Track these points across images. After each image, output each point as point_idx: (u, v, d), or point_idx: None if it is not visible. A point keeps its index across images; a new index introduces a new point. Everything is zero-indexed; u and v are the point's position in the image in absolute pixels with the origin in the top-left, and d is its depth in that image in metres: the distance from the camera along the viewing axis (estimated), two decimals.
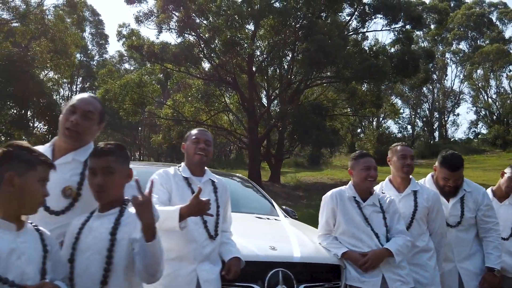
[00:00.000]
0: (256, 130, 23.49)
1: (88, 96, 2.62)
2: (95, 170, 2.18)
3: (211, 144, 3.08)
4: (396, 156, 3.73)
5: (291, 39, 20.71)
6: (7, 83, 17.26)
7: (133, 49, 20.19)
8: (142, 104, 23.41)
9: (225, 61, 21.97)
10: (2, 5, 19.63)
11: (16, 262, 1.84)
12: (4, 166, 1.88)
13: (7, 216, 1.89)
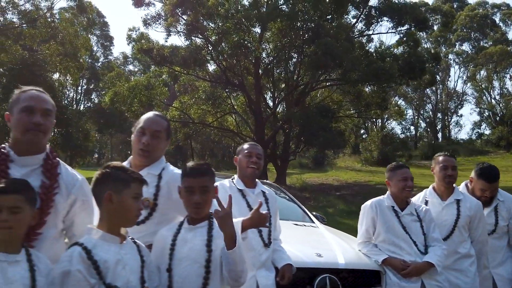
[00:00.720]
0: (262, 132, 23.69)
1: (154, 115, 2.81)
2: (193, 189, 2.39)
3: (262, 158, 3.27)
4: (438, 167, 3.91)
5: (298, 42, 20.88)
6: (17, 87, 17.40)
7: (142, 52, 20.38)
8: (150, 106, 23.58)
9: (233, 64, 22.18)
10: (12, 9, 19.85)
11: (121, 271, 2.06)
12: (103, 185, 2.10)
13: (111, 231, 2.09)
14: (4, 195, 1.99)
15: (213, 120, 25.58)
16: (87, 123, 30.13)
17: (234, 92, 26.99)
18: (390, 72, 19.83)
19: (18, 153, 2.31)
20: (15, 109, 2.36)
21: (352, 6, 23.58)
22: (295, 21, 21.09)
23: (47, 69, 19.02)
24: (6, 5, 19.67)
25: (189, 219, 2.43)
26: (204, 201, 2.38)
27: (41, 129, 2.32)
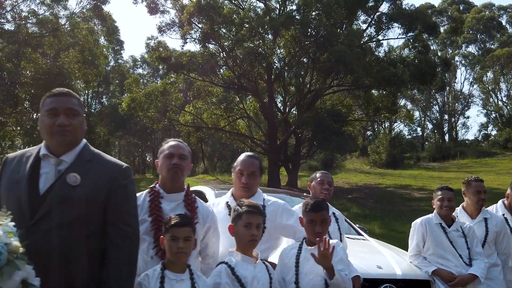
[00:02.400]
0: (275, 136, 24.19)
1: (248, 157, 3.33)
2: (315, 222, 2.96)
3: (332, 184, 3.80)
4: (471, 192, 4.39)
5: (312, 49, 21.36)
6: None
7: (160, 60, 20.92)
8: (165, 111, 24.16)
9: (247, 70, 22.68)
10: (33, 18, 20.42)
11: (257, 285, 2.64)
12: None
13: (244, 253, 2.64)
14: (180, 227, 2.53)
15: (226, 124, 26.08)
16: (100, 126, 30.68)
17: (246, 96, 27.47)
18: (402, 78, 20.30)
19: (166, 191, 2.87)
20: (160, 155, 2.97)
21: (362, 12, 24.04)
22: (308, 28, 21.56)
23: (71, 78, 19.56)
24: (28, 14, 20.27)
25: (307, 242, 2.94)
26: (324, 231, 2.90)
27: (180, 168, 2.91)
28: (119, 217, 2.33)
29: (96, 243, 2.30)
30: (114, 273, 2.25)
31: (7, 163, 2.42)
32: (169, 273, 2.48)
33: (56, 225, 2.17)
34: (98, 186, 2.30)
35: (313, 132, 23.10)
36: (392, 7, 23.59)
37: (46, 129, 2.35)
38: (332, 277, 2.73)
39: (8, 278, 1.82)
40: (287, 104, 27.21)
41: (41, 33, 20.61)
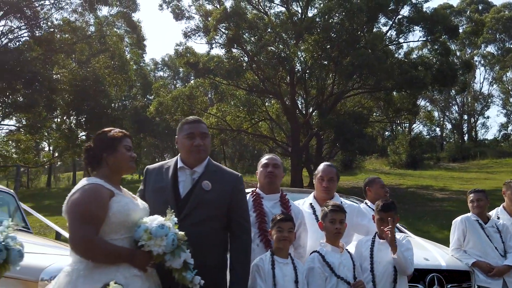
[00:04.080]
0: (297, 138, 24.77)
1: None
2: (384, 220, 3.57)
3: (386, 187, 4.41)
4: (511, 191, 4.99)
5: (334, 53, 21.91)
6: (83, 101, 19.05)
7: (188, 65, 21.68)
8: (191, 114, 24.86)
9: (270, 74, 23.32)
10: (67, 27, 21.33)
11: (343, 270, 3.29)
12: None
13: (332, 244, 3.33)
14: (285, 222, 3.21)
15: (248, 127, 26.73)
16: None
17: (269, 99, 28.08)
18: (424, 81, 20.75)
19: (265, 193, 3.59)
20: (259, 166, 3.69)
21: (383, 15, 24.48)
22: (330, 32, 22.11)
23: (105, 84, 20.45)
24: (62, 23, 21.19)
25: (379, 236, 3.59)
26: (393, 227, 3.56)
27: (274, 178, 3.62)
28: (239, 214, 3.04)
29: (222, 235, 3.01)
30: (237, 258, 2.97)
31: (148, 173, 3.12)
32: (277, 258, 3.16)
33: (195, 221, 2.84)
34: (224, 191, 2.99)
35: (336, 134, 23.60)
36: (412, 10, 23.98)
37: (185, 149, 3.06)
38: (395, 253, 3.39)
39: (178, 258, 2.50)
40: (308, 106, 27.76)
41: (73, 40, 21.52)
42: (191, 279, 2.57)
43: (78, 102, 19.49)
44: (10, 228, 2.19)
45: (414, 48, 31.09)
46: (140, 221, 2.56)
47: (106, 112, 19.55)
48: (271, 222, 3.28)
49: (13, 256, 2.16)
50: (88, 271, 2.39)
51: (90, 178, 2.58)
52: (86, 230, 2.38)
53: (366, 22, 23.28)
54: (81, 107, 19.36)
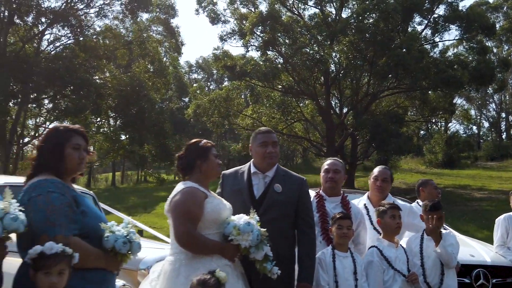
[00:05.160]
0: (333, 139, 24.99)
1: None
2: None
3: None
4: None
5: (370, 54, 22.05)
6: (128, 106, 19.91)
7: (225, 69, 22.26)
8: (228, 116, 25.48)
9: (306, 75, 23.65)
10: (109, 33, 22.23)
11: (398, 263, 3.66)
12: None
13: (389, 240, 3.68)
14: (344, 219, 3.62)
15: (283, 127, 27.09)
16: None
17: (303, 100, 28.36)
18: (461, 80, 20.68)
19: (327, 195, 3.98)
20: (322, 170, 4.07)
21: (418, 15, 24.43)
22: (365, 33, 22.25)
23: (147, 89, 21.26)
24: (105, 30, 22.10)
25: (427, 233, 3.95)
26: (439, 225, 3.90)
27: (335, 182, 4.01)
28: (305, 213, 3.46)
29: (291, 231, 3.44)
30: (305, 251, 3.40)
31: (225, 178, 3.57)
32: (337, 252, 3.55)
33: (269, 219, 3.26)
34: (292, 193, 3.42)
35: (371, 134, 23.72)
36: (448, 9, 23.85)
37: (259, 156, 3.50)
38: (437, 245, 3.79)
39: (261, 251, 2.94)
40: (343, 107, 27.92)
41: (115, 46, 22.39)
42: (270, 269, 3.00)
43: (122, 106, 20.36)
44: (130, 225, 2.66)
45: (450, 46, 30.82)
46: (229, 219, 3.01)
47: (149, 115, 20.31)
48: (331, 220, 3.68)
49: (134, 247, 2.62)
50: (188, 261, 2.85)
51: (186, 182, 3.04)
52: (188, 226, 2.85)
53: (401, 22, 23.31)
54: (125, 111, 20.21)
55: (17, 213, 2.27)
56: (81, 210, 2.54)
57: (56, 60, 18.87)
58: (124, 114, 20.37)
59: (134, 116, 19.50)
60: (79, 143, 2.66)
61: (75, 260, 2.30)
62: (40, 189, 2.45)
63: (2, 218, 2.24)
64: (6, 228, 2.24)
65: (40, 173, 2.56)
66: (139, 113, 19.43)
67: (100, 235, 2.57)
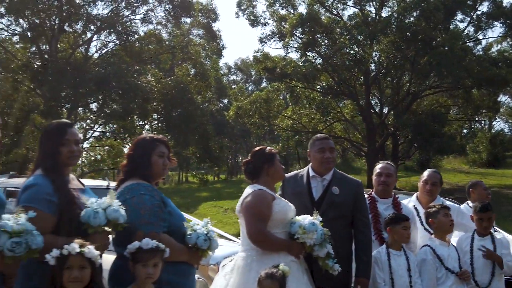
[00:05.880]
0: (373, 139, 24.90)
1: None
2: (483, 220, 4.11)
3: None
4: None
5: (411, 54, 21.89)
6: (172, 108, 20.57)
7: (266, 71, 22.59)
8: (268, 117, 25.80)
9: (346, 76, 23.69)
10: (153, 38, 22.96)
11: (450, 261, 3.86)
12: None
13: (441, 239, 3.88)
14: (405, 221, 3.82)
15: (323, 128, 27.16)
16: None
17: (343, 100, 28.36)
18: (506, 78, 20.27)
19: (379, 197, 4.19)
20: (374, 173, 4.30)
21: (461, 12, 24.05)
22: (406, 32, 22.10)
23: (191, 92, 21.86)
24: (149, 35, 22.87)
25: (478, 233, 4.12)
26: (489, 226, 4.08)
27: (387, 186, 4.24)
28: (361, 213, 3.72)
29: (348, 230, 3.70)
30: (362, 248, 3.67)
31: (286, 181, 3.85)
32: (392, 250, 3.78)
33: (328, 219, 3.52)
34: (349, 195, 3.68)
35: (413, 134, 23.53)
36: (492, 6, 23.40)
37: (317, 160, 3.77)
38: (502, 268, 3.94)
39: (324, 248, 3.21)
40: (383, 106, 27.75)
41: (159, 51, 23.10)
42: (332, 265, 3.26)
43: (167, 109, 21.02)
44: (209, 224, 2.98)
45: (493, 43, 30.10)
46: (294, 219, 3.29)
47: (192, 118, 20.88)
48: (384, 222, 3.90)
49: (213, 244, 2.94)
50: (259, 256, 3.15)
51: (254, 185, 3.34)
52: (259, 226, 3.15)
53: (442, 20, 23.02)
54: (169, 114, 20.85)
55: (118, 207, 2.62)
56: (168, 210, 2.88)
57: (106, 65, 19.70)
58: (168, 116, 21.01)
59: (178, 119, 20.08)
60: (163, 151, 2.99)
61: (166, 254, 2.63)
62: (133, 192, 2.79)
63: (106, 209, 2.59)
64: (108, 217, 2.58)
65: (130, 178, 2.90)
66: (183, 116, 20.00)
67: (183, 232, 2.91)
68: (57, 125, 2.84)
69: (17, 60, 20.49)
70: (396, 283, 3.68)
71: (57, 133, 2.79)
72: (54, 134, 2.79)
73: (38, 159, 2.80)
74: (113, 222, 2.60)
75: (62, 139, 2.77)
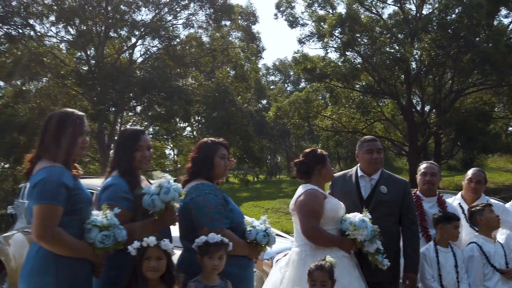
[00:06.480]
0: (415, 138, 24.60)
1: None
2: None
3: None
4: None
5: (454, 51, 21.54)
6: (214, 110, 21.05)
7: (305, 71, 22.74)
8: (308, 118, 25.91)
9: (386, 75, 23.52)
10: (195, 42, 23.51)
11: (496, 257, 3.97)
12: None
13: (487, 236, 4.00)
14: (456, 221, 3.97)
15: (363, 127, 27.05)
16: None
17: (383, 99, 28.13)
18: None
19: (424, 195, 4.35)
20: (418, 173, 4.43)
21: (505, 8, 23.48)
22: (448, 30, 21.77)
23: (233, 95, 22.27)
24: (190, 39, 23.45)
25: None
26: None
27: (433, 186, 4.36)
28: (409, 211, 3.90)
29: (396, 227, 3.88)
30: (410, 244, 3.84)
31: (335, 181, 4.05)
32: (439, 247, 3.92)
33: (376, 217, 3.70)
34: (397, 193, 3.85)
35: (456, 133, 23.15)
36: None
37: (366, 161, 3.96)
38: None
39: (374, 244, 3.41)
40: (425, 105, 27.37)
41: (200, 54, 23.61)
42: (381, 261, 3.45)
43: (209, 111, 21.48)
44: (266, 221, 3.23)
45: None
46: (345, 216, 3.50)
47: (234, 119, 21.27)
48: (434, 220, 4.03)
49: (271, 240, 3.18)
50: (312, 251, 3.37)
51: (306, 185, 3.57)
52: (312, 222, 3.37)
53: (486, 16, 22.54)
54: (212, 116, 21.30)
55: (168, 186, 2.86)
56: (229, 208, 3.14)
57: (150, 69, 20.35)
58: (210, 118, 21.46)
59: (219, 120, 20.52)
60: (224, 153, 3.26)
61: (229, 248, 2.89)
62: (199, 191, 3.07)
63: (158, 193, 2.84)
64: (163, 200, 2.84)
65: (195, 179, 3.19)
66: (225, 117, 20.42)
67: (243, 229, 3.17)
68: (132, 132, 3.13)
69: (66, 66, 21.40)
70: (444, 279, 3.82)
71: (132, 140, 3.06)
72: (129, 141, 3.06)
73: (114, 162, 3.09)
74: (170, 201, 2.86)
75: (136, 145, 3.05)
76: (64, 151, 2.69)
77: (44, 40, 21.89)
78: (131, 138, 3.08)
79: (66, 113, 2.83)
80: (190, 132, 29.05)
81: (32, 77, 21.55)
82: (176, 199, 2.89)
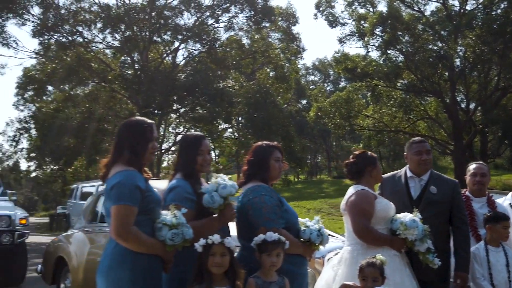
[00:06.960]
0: (460, 136, 24.09)
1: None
2: None
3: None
4: None
5: (500, 47, 21.00)
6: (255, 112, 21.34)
7: (346, 71, 22.68)
8: (349, 117, 25.80)
9: (429, 73, 23.15)
10: (236, 45, 23.87)
11: None
12: None
13: None
14: (505, 221, 4.01)
15: (406, 126, 26.69)
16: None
17: (426, 97, 27.66)
18: None
19: (474, 196, 4.40)
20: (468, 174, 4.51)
21: None
22: (493, 25, 21.25)
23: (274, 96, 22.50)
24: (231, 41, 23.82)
25: None
26: None
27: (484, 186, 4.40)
28: (459, 211, 3.96)
29: (446, 226, 3.95)
30: (460, 244, 3.89)
31: (384, 181, 4.15)
32: (490, 247, 3.96)
33: (426, 216, 3.78)
34: (446, 194, 3.92)
35: (503, 130, 22.57)
36: None
37: (415, 162, 4.04)
38: None
39: (424, 244, 3.50)
40: (470, 102, 26.76)
41: (241, 56, 23.93)
42: (432, 260, 3.54)
43: (251, 112, 21.77)
44: (320, 221, 3.38)
45: None
46: (395, 216, 3.60)
47: (275, 120, 21.49)
48: (484, 220, 4.07)
49: (324, 239, 3.33)
50: (363, 250, 3.50)
51: (357, 186, 3.70)
52: (364, 222, 3.50)
53: None
54: (253, 117, 21.59)
55: (224, 183, 3.09)
56: (284, 209, 3.31)
57: (194, 73, 20.83)
58: (251, 119, 21.76)
59: (261, 121, 20.77)
60: (278, 156, 3.43)
61: (286, 246, 3.06)
62: (255, 193, 3.25)
63: (217, 190, 3.07)
64: (221, 195, 3.06)
65: (251, 181, 3.37)
66: (266, 118, 20.66)
67: (297, 228, 3.33)
68: (194, 138, 3.35)
69: (112, 71, 22.16)
70: (495, 278, 3.85)
71: (194, 144, 3.28)
72: (192, 145, 3.28)
73: (177, 165, 3.32)
74: (228, 196, 3.08)
75: (198, 150, 3.26)
76: (136, 156, 2.90)
77: (91, 46, 22.77)
78: (193, 143, 3.29)
79: (137, 121, 3.05)
80: (231, 133, 29.55)
81: (80, 82, 22.47)
82: (233, 194, 3.09)
